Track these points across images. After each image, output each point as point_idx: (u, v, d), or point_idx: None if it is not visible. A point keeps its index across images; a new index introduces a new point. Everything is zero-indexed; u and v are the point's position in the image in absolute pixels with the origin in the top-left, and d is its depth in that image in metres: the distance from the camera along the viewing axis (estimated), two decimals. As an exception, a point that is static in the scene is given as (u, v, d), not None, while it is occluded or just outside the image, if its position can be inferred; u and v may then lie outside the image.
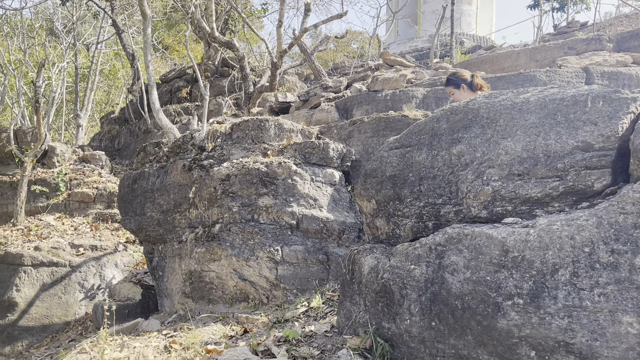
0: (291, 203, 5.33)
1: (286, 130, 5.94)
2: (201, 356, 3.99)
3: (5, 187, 11.86)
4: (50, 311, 9.31)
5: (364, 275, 3.48)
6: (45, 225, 10.90)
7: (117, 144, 17.13)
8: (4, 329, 9.01)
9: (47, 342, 8.81)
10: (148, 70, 7.55)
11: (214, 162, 5.81)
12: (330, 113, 7.46)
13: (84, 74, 21.52)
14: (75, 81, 19.62)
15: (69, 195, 11.84)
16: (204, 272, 5.63)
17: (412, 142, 3.36)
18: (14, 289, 9.18)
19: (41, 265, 9.46)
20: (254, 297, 5.37)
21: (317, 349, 3.84)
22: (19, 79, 17.28)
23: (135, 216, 6.73)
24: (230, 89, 14.20)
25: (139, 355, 4.11)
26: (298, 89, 13.86)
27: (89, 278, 9.75)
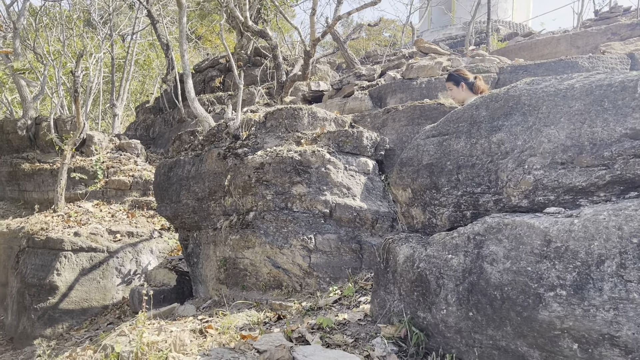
0: (324, 192, 5.32)
1: (320, 119, 5.93)
2: (236, 341, 4.04)
3: (46, 174, 12.21)
4: (89, 295, 9.58)
5: (399, 264, 3.46)
6: (84, 212, 11.19)
7: (151, 133, 17.43)
8: (45, 312, 9.32)
9: (86, 324, 9.07)
10: (183, 60, 7.62)
11: (248, 151, 5.85)
12: (363, 101, 7.40)
13: (120, 64, 21.91)
14: (111, 71, 20.02)
15: (106, 182, 12.11)
16: (238, 259, 5.70)
17: (449, 130, 3.30)
18: (55, 273, 9.47)
19: (80, 250, 9.73)
20: (287, 285, 5.40)
21: (351, 337, 3.85)
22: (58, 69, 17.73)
23: (171, 203, 6.84)
24: (262, 78, 14.24)
25: (176, 339, 4.19)
26: (330, 77, 13.80)
27: (125, 264, 9.99)
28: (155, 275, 8.30)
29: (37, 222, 10.68)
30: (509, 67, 7.63)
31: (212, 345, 4.15)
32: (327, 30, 8.76)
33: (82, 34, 20.72)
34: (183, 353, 4.11)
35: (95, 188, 12.00)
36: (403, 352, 3.42)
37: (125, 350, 4.26)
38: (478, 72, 7.36)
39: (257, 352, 3.58)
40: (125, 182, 11.99)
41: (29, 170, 12.30)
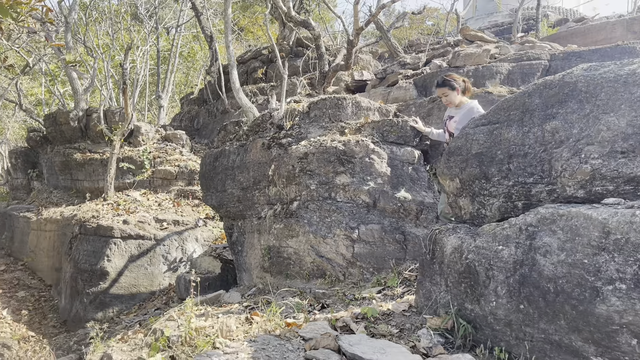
0: (368, 182, 5.30)
1: (363, 109, 5.89)
2: (281, 329, 4.08)
3: (96, 164, 12.65)
4: (138, 281, 9.90)
5: (446, 255, 3.41)
6: (132, 201, 11.55)
7: (196, 124, 17.76)
8: (96, 296, 9.69)
9: (135, 309, 9.39)
10: (228, 51, 7.71)
11: (292, 141, 5.88)
12: (408, 90, 7.30)
13: (165, 57, 22.42)
14: (157, 63, 20.53)
15: (153, 172, 12.45)
16: (282, 247, 5.75)
17: (500, 119, 3.21)
18: (105, 259, 9.82)
19: (129, 237, 10.06)
20: (330, 274, 5.42)
21: (396, 327, 3.83)
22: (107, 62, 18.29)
23: (217, 193, 6.96)
24: (304, 69, 14.27)
25: (222, 324, 4.27)
26: (372, 67, 13.68)
27: (171, 251, 10.26)
28: (201, 263, 8.50)
29: (88, 210, 11.11)
30: (560, 53, 7.36)
31: (258, 332, 4.21)
32: (371, 19, 8.65)
33: (130, 27, 21.29)
34: (229, 339, 4.19)
35: (143, 177, 12.35)
36: (449, 344, 3.38)
37: (174, 335, 4.38)
38: (527, 59, 7.14)
39: (302, 340, 3.61)
40: (171, 171, 12.29)
41: (80, 160, 12.77)
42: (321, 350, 3.27)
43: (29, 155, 15.46)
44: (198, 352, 3.81)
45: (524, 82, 6.64)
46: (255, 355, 3.25)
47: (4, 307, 10.42)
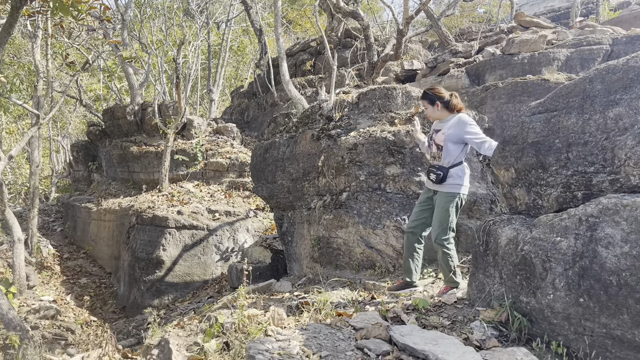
0: (419, 172, 5.24)
1: (414, 98, 5.81)
2: (332, 318, 4.12)
3: (151, 156, 13.08)
4: (191, 270, 10.20)
5: (500, 246, 3.33)
6: (185, 192, 11.88)
7: (246, 117, 18.05)
8: (153, 284, 10.06)
9: (189, 297, 9.68)
10: (278, 43, 7.78)
11: (341, 132, 5.88)
12: (460, 79, 7.14)
13: (215, 51, 22.87)
14: (207, 58, 20.96)
15: (205, 164, 12.75)
16: (331, 238, 5.78)
17: (558, 106, 3.10)
18: (161, 248, 10.17)
19: (183, 227, 10.37)
20: (380, 265, 5.41)
21: (448, 319, 3.79)
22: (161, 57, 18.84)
23: (267, 184, 7.07)
24: (352, 60, 14.21)
25: (274, 313, 4.35)
26: (422, 56, 13.46)
27: (223, 241, 10.50)
28: (252, 253, 8.65)
29: (144, 201, 11.52)
30: (624, 37, 6.99)
31: (309, 321, 4.26)
32: (421, 7, 8.51)
33: (182, 23, 21.82)
34: (281, 327, 4.27)
35: (196, 169, 12.68)
36: (503, 337, 3.31)
37: (228, 322, 4.49)
38: (587, 45, 6.83)
39: (353, 329, 3.63)
40: (223, 163, 12.55)
41: (136, 153, 13.25)
42: (372, 340, 3.28)
43: (89, 149, 16.18)
44: (251, 338, 3.90)
45: (583, 68, 6.36)
46: (307, 343, 3.29)
47: (68, 292, 10.99)
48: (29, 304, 9.48)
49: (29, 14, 7.49)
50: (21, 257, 9.71)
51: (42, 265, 11.59)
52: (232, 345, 3.98)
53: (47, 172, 22.84)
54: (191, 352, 4.26)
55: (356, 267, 5.61)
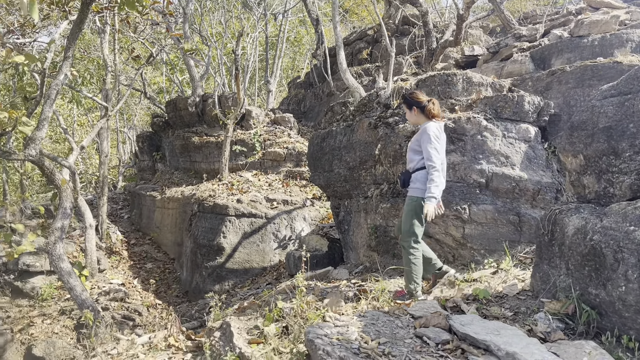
0: (480, 160, 5.10)
1: (475, 84, 5.65)
2: (390, 306, 4.11)
3: (212, 146, 13.44)
4: (250, 257, 10.43)
5: (567, 236, 3.21)
6: (244, 181, 12.15)
7: (302, 107, 18.18)
8: (214, 270, 10.38)
9: (248, 283, 9.93)
10: (336, 32, 7.76)
11: (399, 120, 5.82)
12: (524, 64, 6.87)
13: (273, 43, 23.13)
14: (265, 49, 21.22)
15: (264, 154, 12.97)
16: (389, 227, 5.75)
17: (633, 89, 2.93)
18: (221, 235, 10.46)
19: (242, 216, 10.61)
20: (439, 255, 5.32)
21: (510, 310, 3.69)
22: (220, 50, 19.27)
23: (324, 172, 7.11)
24: (410, 47, 13.97)
25: (332, 299, 4.39)
26: (483, 42, 13.05)
27: (281, 229, 10.66)
28: (309, 241, 8.74)
29: (205, 189, 11.87)
30: None
31: (367, 308, 4.27)
32: (482, -9, 8.22)
33: (240, 15, 22.19)
34: (339, 313, 4.30)
35: (254, 159, 12.93)
36: (570, 330, 3.20)
37: (287, 307, 4.58)
38: (664, 24, 6.38)
39: (411, 318, 3.61)
40: (280, 153, 12.72)
41: (198, 143, 13.65)
42: (431, 329, 3.25)
43: (153, 139, 16.83)
44: (309, 323, 3.95)
45: (659, 49, 5.96)
46: (366, 330, 3.31)
47: (135, 276, 11.54)
48: (99, 286, 10.04)
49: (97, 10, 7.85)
50: (92, 242, 10.28)
51: (111, 250, 12.21)
52: (291, 330, 4.06)
53: (114, 162, 23.99)
54: (252, 335, 4.38)
55: (414, 257, 5.55)
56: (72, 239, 11.15)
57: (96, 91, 18.38)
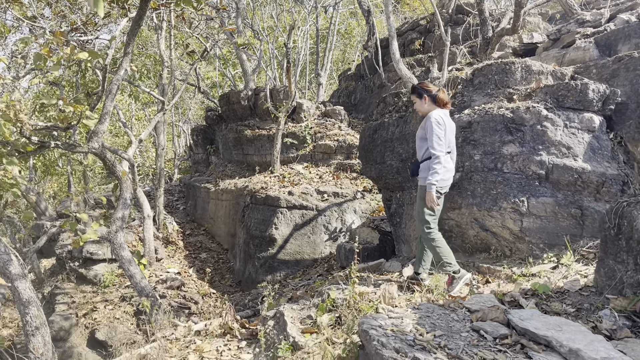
0: (540, 151, 4.92)
1: (534, 73, 5.44)
2: (445, 299, 4.05)
3: (263, 139, 13.62)
4: (301, 248, 10.52)
5: (636, 230, 3.05)
6: (295, 173, 12.25)
7: (353, 99, 18.10)
8: (266, 261, 10.54)
9: (299, 274, 10.02)
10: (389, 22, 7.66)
11: (454, 110, 5.69)
12: (587, 51, 6.55)
13: (323, 36, 23.14)
14: (315, 42, 21.25)
15: (314, 147, 13.03)
16: (443, 220, 5.64)
17: None
18: (273, 227, 10.61)
19: (294, 207, 10.71)
20: (495, 248, 5.20)
21: (572, 306, 3.56)
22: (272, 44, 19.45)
23: (375, 165, 7.05)
24: (464, 37, 13.61)
25: (385, 291, 4.37)
26: (542, 29, 12.55)
27: (332, 221, 10.69)
28: (359, 234, 8.72)
29: (258, 181, 12.06)
30: None
31: (421, 301, 4.23)
32: (542, -25, 7.89)
33: (291, 9, 22.32)
34: (392, 305, 4.28)
35: (305, 152, 13.00)
36: (637, 328, 3.04)
37: (339, 297, 4.59)
38: None
39: (467, 311, 3.54)
40: (331, 146, 12.74)
41: (250, 136, 13.86)
42: (489, 323, 3.18)
43: (207, 133, 17.23)
44: (362, 315, 3.95)
45: None
46: (420, 322, 3.27)
47: (190, 266, 11.89)
48: (157, 274, 10.41)
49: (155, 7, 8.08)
50: (150, 232, 10.66)
51: (168, 240, 12.62)
52: (344, 320, 4.07)
53: (170, 155, 24.75)
54: (305, 325, 4.42)
55: (469, 250, 5.44)
56: (131, 228, 11.60)
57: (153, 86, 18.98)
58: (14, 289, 4.81)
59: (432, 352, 2.76)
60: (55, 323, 8.58)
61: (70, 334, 8.70)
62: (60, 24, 10.58)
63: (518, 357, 2.71)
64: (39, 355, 4.84)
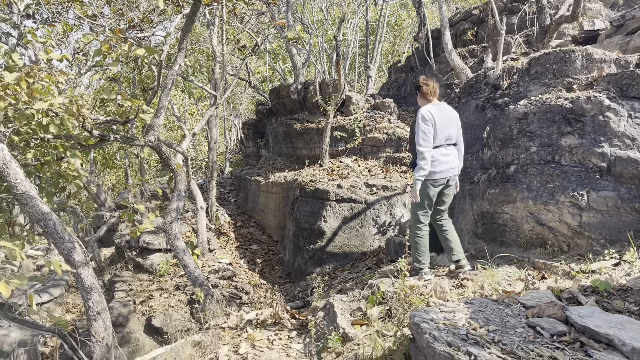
0: (601, 143, 4.70)
1: (596, 61, 5.20)
2: (498, 294, 3.95)
3: (313, 133, 13.68)
4: (350, 241, 10.53)
5: None
6: (344, 167, 12.25)
7: (403, 92, 17.87)
8: (315, 253, 10.61)
9: (348, 267, 10.04)
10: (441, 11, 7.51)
11: (509, 101, 5.53)
12: (654, 37, 6.20)
13: (373, 28, 22.94)
14: (365, 35, 21.11)
15: (363, 140, 12.96)
16: (496, 214, 5.51)
17: None
18: (322, 219, 10.66)
19: (342, 201, 10.72)
20: (552, 244, 5.02)
21: (635, 304, 3.40)
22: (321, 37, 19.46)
23: (427, 157, 6.94)
24: (520, 25, 13.15)
25: (436, 285, 4.32)
26: (603, 16, 11.95)
27: (380, 215, 10.63)
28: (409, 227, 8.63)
29: (307, 175, 12.14)
30: None
31: (473, 295, 4.15)
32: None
33: (340, 1, 22.24)
34: (443, 299, 4.22)
35: (354, 145, 12.97)
36: None
37: (389, 291, 4.57)
38: None
39: (522, 307, 3.44)
40: (380, 139, 12.64)
41: (299, 130, 13.96)
42: (545, 319, 3.08)
43: (257, 126, 17.48)
44: (413, 308, 3.92)
45: None
46: (473, 316, 3.21)
47: (241, 257, 12.13)
48: (209, 265, 10.68)
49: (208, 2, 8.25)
50: (203, 223, 10.94)
51: (220, 231, 12.92)
52: (394, 313, 4.05)
53: (221, 148, 25.29)
54: (354, 317, 4.43)
55: (524, 245, 5.28)
56: (185, 220, 11.95)
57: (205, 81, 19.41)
58: (77, 275, 5.06)
59: (485, 347, 2.71)
60: (115, 309, 8.96)
61: (128, 320, 9.07)
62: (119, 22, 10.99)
63: (577, 355, 2.62)
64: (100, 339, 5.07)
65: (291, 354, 4.34)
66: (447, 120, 4.80)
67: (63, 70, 7.30)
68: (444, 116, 4.79)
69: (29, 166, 6.26)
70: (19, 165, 4.81)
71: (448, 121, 4.81)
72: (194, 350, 4.83)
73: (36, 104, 5.30)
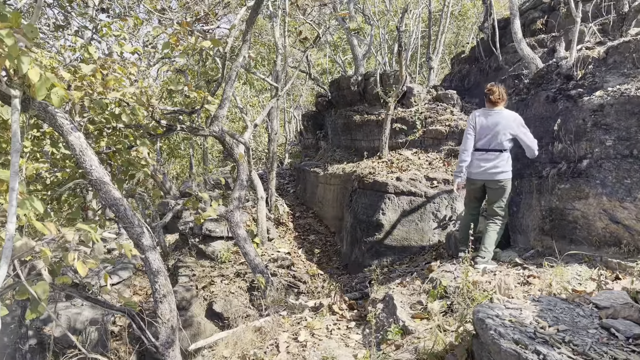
0: (686, 137, 4.39)
1: (682, 49, 4.84)
2: (568, 293, 3.78)
3: (372, 125, 13.59)
4: (409, 235, 10.40)
5: None
6: (404, 159, 12.09)
7: (466, 83, 17.39)
8: (372, 245, 10.57)
9: (406, 261, 9.92)
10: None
11: (583, 92, 5.25)
12: None
13: (436, 18, 22.41)
14: (428, 25, 20.65)
15: (424, 132, 12.73)
16: (566, 210, 5.26)
17: None
18: (380, 212, 10.59)
19: (402, 194, 10.59)
20: (627, 243, 4.74)
21: None
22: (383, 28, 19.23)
23: (492, 150, 6.73)
24: (594, 14, 12.45)
25: (500, 281, 4.19)
26: (690, 2, 11.08)
27: (441, 209, 10.42)
28: (471, 222, 8.40)
29: (365, 167, 12.08)
30: None
31: (541, 293, 3.99)
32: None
33: (403, -9, 21.88)
34: (508, 296, 4.09)
35: (414, 137, 12.76)
36: None
37: (451, 285, 4.48)
38: None
39: (595, 307, 3.28)
40: (442, 131, 12.37)
41: (359, 122, 13.90)
42: (620, 321, 2.92)
43: (317, 118, 17.55)
44: (476, 303, 3.82)
45: None
46: (542, 315, 3.09)
47: (299, 247, 12.27)
48: (269, 253, 10.88)
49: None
50: (263, 213, 11.15)
51: (279, 221, 13.12)
52: (456, 308, 3.97)
53: (281, 140, 25.61)
54: (415, 310, 4.38)
55: (596, 243, 5.02)
56: (245, 209, 12.22)
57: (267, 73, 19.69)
58: (145, 259, 5.28)
59: (555, 347, 2.60)
60: (178, 293, 9.31)
61: (191, 304, 9.40)
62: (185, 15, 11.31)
63: (656, 361, 2.47)
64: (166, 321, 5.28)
65: (350, 344, 4.35)
66: (491, 126, 5.21)
67: (134, 62, 7.61)
68: (489, 121, 5.24)
69: (102, 154, 6.58)
70: (94, 153, 5.06)
71: (493, 127, 5.21)
72: (254, 335, 4.94)
73: (110, 94, 5.55)
